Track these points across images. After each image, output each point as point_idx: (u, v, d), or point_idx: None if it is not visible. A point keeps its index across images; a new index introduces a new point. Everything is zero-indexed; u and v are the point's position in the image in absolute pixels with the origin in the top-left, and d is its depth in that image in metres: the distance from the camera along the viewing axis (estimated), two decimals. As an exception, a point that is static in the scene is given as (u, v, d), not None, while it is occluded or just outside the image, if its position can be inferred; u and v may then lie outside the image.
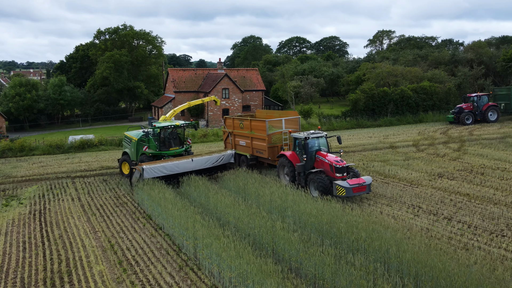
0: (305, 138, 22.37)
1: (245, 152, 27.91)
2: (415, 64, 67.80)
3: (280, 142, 25.90)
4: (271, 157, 25.96)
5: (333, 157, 21.53)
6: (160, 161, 25.18)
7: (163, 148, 26.71)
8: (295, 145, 23.34)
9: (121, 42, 67.10)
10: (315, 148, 22.59)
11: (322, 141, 22.95)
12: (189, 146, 28.07)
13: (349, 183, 20.13)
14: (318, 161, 22.13)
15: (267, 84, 72.92)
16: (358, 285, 11.39)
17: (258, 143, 26.65)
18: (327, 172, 21.35)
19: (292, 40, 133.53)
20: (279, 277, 12.12)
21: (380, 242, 13.62)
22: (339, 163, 21.05)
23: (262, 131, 26.05)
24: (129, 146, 28.36)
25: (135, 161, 27.54)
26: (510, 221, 17.52)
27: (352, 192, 19.99)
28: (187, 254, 15.77)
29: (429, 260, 12.32)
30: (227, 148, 30.36)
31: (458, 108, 45.65)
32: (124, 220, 20.25)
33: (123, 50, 65.05)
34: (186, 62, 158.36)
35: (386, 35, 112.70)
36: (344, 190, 19.90)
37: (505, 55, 61.75)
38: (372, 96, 51.28)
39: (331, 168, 21.12)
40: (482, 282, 10.93)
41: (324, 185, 20.57)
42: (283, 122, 26.47)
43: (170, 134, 27.37)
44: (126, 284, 13.94)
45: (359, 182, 20.30)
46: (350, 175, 21.29)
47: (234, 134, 29.03)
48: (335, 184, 20.25)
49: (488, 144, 33.45)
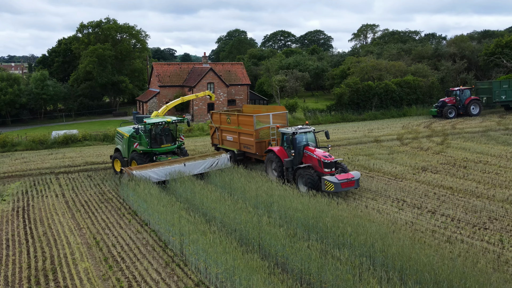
0: (293, 133, 22.24)
1: (232, 148, 27.74)
2: (399, 58, 68.30)
3: (268, 137, 25.71)
4: (259, 153, 25.82)
5: (321, 152, 21.47)
6: (151, 165, 24.10)
7: (155, 145, 25.86)
8: (283, 140, 23.20)
9: (104, 36, 66.26)
10: (303, 143, 22.48)
11: (310, 136, 22.86)
12: (182, 143, 27.26)
13: (338, 178, 20.06)
14: (306, 156, 22.02)
15: (252, 78, 72.79)
16: (344, 279, 11.48)
17: (245, 138, 26.46)
18: (315, 167, 21.28)
19: (277, 34, 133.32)
20: (266, 273, 12.17)
21: (366, 237, 13.76)
22: (327, 158, 21.01)
23: (250, 126, 25.85)
24: (121, 142, 27.66)
25: (126, 158, 26.88)
26: (492, 214, 17.82)
27: (341, 187, 19.94)
28: (173, 250, 15.74)
29: (413, 253, 12.48)
30: (213, 142, 30.11)
31: (441, 102, 46.16)
32: (109, 216, 20.11)
33: (106, 44, 64.26)
34: (171, 56, 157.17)
35: (370, 29, 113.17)
36: (333, 186, 19.83)
37: (486, 49, 62.55)
38: (357, 90, 51.57)
39: (319, 163, 21.05)
40: (466, 275, 11.11)
41: (313, 181, 20.52)
42: (270, 117, 26.23)
43: (162, 131, 26.56)
44: (112, 281, 13.86)
45: (347, 177, 20.26)
46: (339, 170, 21.27)
47: (221, 129, 28.74)
48: (323, 180, 20.17)
49: (470, 137, 33.92)
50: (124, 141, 27.20)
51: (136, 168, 23.36)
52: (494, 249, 14.54)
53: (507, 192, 20.23)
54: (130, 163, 26.18)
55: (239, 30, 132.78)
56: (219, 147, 29.33)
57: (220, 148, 29.21)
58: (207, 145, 36.49)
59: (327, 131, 23.24)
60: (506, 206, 18.59)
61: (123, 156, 27.28)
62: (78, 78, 66.86)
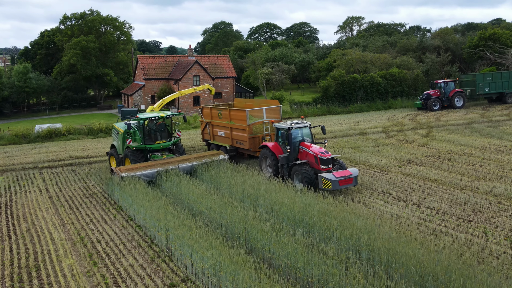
0: (288, 128, 21.48)
1: (224, 143, 26.92)
2: (384, 51, 68.57)
3: (261, 132, 24.96)
4: (252, 148, 25.07)
5: (317, 148, 20.73)
6: (142, 165, 22.65)
7: (149, 141, 24.54)
8: (277, 136, 22.43)
9: (88, 28, 65.30)
10: (299, 139, 21.72)
11: (306, 131, 22.12)
12: (179, 139, 25.82)
13: (335, 175, 19.29)
14: (302, 152, 21.29)
15: (238, 71, 72.50)
16: (330, 274, 11.49)
17: (238, 134, 25.63)
18: (311, 164, 20.56)
19: (263, 26, 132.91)
20: (252, 268, 12.12)
21: (352, 231, 13.78)
22: (324, 154, 20.28)
23: (243, 121, 25.01)
24: (117, 138, 26.32)
25: (121, 155, 25.66)
26: (476, 206, 17.99)
27: (339, 185, 19.16)
28: (159, 245, 15.61)
29: (399, 247, 12.53)
30: (204, 137, 29.34)
31: (426, 95, 46.46)
32: (94, 212, 19.88)
33: (90, 36, 63.38)
34: (156, 48, 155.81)
35: (355, 21, 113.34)
36: (330, 183, 19.04)
37: (470, 42, 63.07)
38: (343, 83, 51.66)
39: (316, 159, 20.34)
40: (451, 268, 11.18)
41: (309, 178, 19.81)
42: (264, 112, 25.37)
43: (158, 126, 25.20)
44: (96, 277, 13.70)
45: (345, 175, 19.48)
46: (336, 167, 20.46)
47: (212, 124, 27.87)
48: (320, 177, 19.39)
49: (454, 130, 34.21)
50: (119, 137, 25.97)
51: (125, 170, 22.07)
52: (478, 241, 14.67)
53: (491, 184, 20.44)
54: (124, 161, 25.09)
55: (225, 22, 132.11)
56: (210, 142, 28.54)
57: (211, 143, 28.42)
58: (193, 139, 36.29)
59: (324, 126, 22.48)
60: (489, 198, 18.78)
61: (118, 153, 26.15)
62: (61, 71, 65.93)
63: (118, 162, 25.89)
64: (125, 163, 24.78)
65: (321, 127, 22.48)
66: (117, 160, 26.06)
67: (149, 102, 56.05)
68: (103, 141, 38.22)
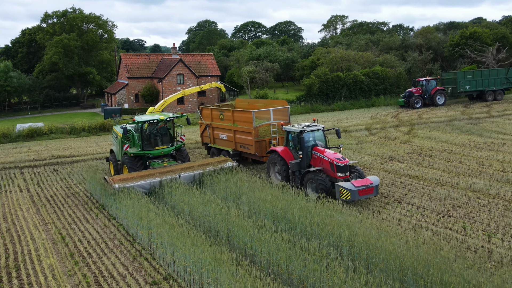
0: (300, 131, 19.43)
1: (227, 147, 24.91)
2: (367, 49, 69.12)
3: (268, 136, 23.07)
4: (259, 153, 22.99)
5: (333, 154, 18.83)
6: (139, 175, 20.32)
7: (148, 146, 22.33)
8: (287, 140, 20.52)
9: (70, 26, 64.66)
10: (311, 143, 19.73)
11: (319, 134, 20.16)
12: (182, 144, 23.60)
13: (355, 184, 17.45)
14: (315, 158, 19.33)
15: (222, 69, 72.42)
16: (311, 269, 11.57)
17: (242, 137, 23.57)
18: (326, 171, 18.68)
19: (247, 24, 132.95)
20: (233, 265, 12.16)
21: (333, 227, 13.89)
22: (341, 161, 18.36)
23: (248, 123, 22.97)
24: (116, 143, 24.28)
25: (120, 161, 23.60)
26: (455, 201, 18.27)
27: (358, 195, 17.34)
28: (141, 243, 15.57)
29: (379, 242, 12.67)
30: (204, 141, 27.49)
31: (408, 92, 46.96)
32: (76, 211, 19.74)
33: (72, 35, 62.76)
34: (140, 47, 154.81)
35: (339, 20, 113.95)
36: (349, 193, 17.20)
37: (452, 41, 63.94)
38: (326, 81, 51.96)
39: (332, 166, 18.43)
40: (429, 262, 11.35)
41: (325, 186, 17.92)
42: (271, 113, 23.41)
43: (158, 130, 22.95)
44: (78, 276, 13.62)
45: (365, 184, 17.61)
46: (355, 175, 18.65)
47: (213, 127, 25.85)
48: (338, 186, 17.57)
49: (436, 127, 34.66)
50: (118, 142, 23.90)
51: (119, 180, 19.68)
52: (457, 236, 14.91)
53: (470, 180, 20.76)
54: (121, 168, 23.02)
55: (209, 21, 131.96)
56: (211, 146, 26.55)
57: (211, 147, 26.51)
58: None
59: (338, 129, 20.77)
60: (469, 193, 19.07)
61: (117, 159, 24.06)
62: (43, 69, 65.19)
63: (116, 169, 23.96)
64: (123, 170, 22.80)
65: (336, 130, 20.78)
66: (115, 167, 24.06)
67: (132, 101, 55.72)
68: (86, 140, 37.92)
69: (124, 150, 22.48)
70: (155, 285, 12.74)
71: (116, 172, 23.74)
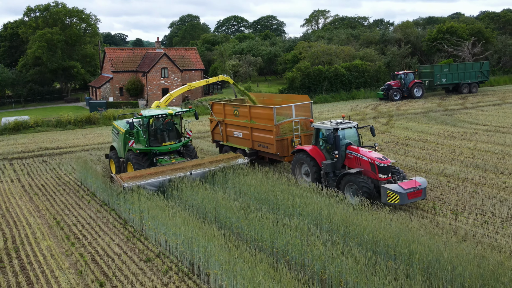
0: (335, 129, 17.87)
1: (242, 145, 23.35)
2: (348, 43, 70.58)
3: (290, 134, 21.46)
4: (280, 152, 21.31)
5: (373, 154, 17.51)
6: (148, 173, 19.57)
7: (154, 142, 21.27)
8: (317, 138, 19.05)
9: (53, 20, 64.61)
10: (345, 142, 18.30)
11: (351, 132, 18.74)
12: (189, 140, 22.50)
13: (403, 187, 16.16)
14: (351, 158, 17.88)
15: (206, 63, 73.15)
16: (293, 244, 12.70)
17: (262, 135, 21.93)
18: (366, 173, 17.29)
19: (230, 19, 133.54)
20: (222, 240, 13.24)
21: (313, 207, 15.06)
22: (383, 161, 17.01)
23: (268, 121, 21.30)
24: (117, 139, 23.09)
25: (123, 158, 22.38)
26: (428, 185, 19.55)
27: (407, 199, 16.05)
28: (134, 226, 16.50)
29: (355, 220, 13.89)
30: (215, 138, 25.78)
31: (387, 85, 48.47)
32: (68, 198, 20.52)
33: (55, 29, 62.75)
34: (122, 41, 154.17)
35: (321, 14, 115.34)
36: (398, 197, 15.91)
37: (429, 35, 65.70)
38: (308, 74, 53.19)
39: (373, 167, 17.04)
40: (399, 235, 12.59)
41: (369, 190, 16.53)
42: (293, 109, 21.82)
43: (165, 125, 21.91)
44: (75, 256, 14.51)
45: (414, 186, 16.33)
46: (400, 176, 17.34)
47: (226, 124, 24.22)
48: (384, 189, 16.22)
49: (413, 118, 36.14)
50: (120, 138, 22.64)
51: (128, 178, 18.89)
52: (427, 215, 16.20)
53: (442, 166, 22.14)
54: (126, 165, 21.84)
55: (191, 15, 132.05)
56: (223, 144, 24.87)
57: (224, 145, 24.88)
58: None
59: (373, 127, 19.25)
60: (440, 178, 20.43)
61: (119, 156, 22.88)
62: (26, 63, 65.06)
63: (118, 166, 22.75)
64: (127, 168, 21.70)
65: (370, 127, 19.29)
66: (116, 165, 22.87)
67: (117, 95, 56.20)
68: (72, 133, 38.48)
69: (129, 146, 21.30)
70: (148, 262, 13.72)
71: (118, 169, 22.65)
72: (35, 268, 13.88)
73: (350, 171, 17.26)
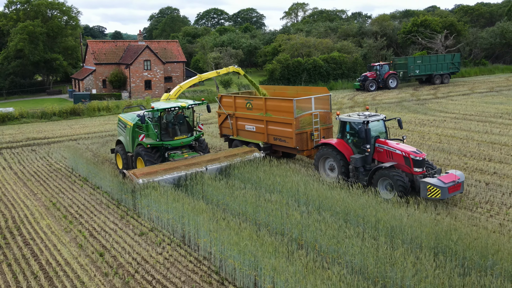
0: (365, 122, 17.19)
1: (256, 139, 22.63)
2: (326, 36, 72.40)
3: (309, 127, 20.89)
4: (300, 146, 20.67)
5: (406, 147, 17.01)
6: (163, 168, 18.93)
7: (166, 137, 20.58)
8: (343, 131, 18.36)
9: (34, 12, 64.79)
10: (373, 135, 17.63)
11: (378, 125, 18.06)
12: (201, 134, 21.79)
13: (443, 181, 15.61)
14: (381, 151, 17.30)
15: (187, 56, 74.17)
16: (274, 215, 14.26)
17: (279, 129, 21.26)
18: (399, 166, 16.70)
19: (210, 11, 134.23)
20: (210, 213, 14.74)
21: (292, 184, 16.66)
22: (418, 154, 16.51)
23: (288, 113, 20.66)
24: (124, 133, 22.34)
25: (131, 153, 21.69)
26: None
27: (448, 193, 15.52)
28: (127, 205, 17.78)
29: (329, 194, 15.52)
30: (223, 132, 24.88)
31: (364, 76, 50.41)
32: (61, 183, 21.62)
33: (36, 21, 62.96)
34: (101, 34, 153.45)
35: (300, 7, 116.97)
36: (439, 191, 15.38)
37: (404, 28, 67.88)
38: (287, 66, 54.82)
39: (407, 161, 16.51)
40: (367, 205, 14.28)
41: (404, 184, 15.98)
42: (312, 101, 21.14)
43: (175, 118, 21.20)
44: (74, 232, 15.77)
45: (454, 180, 15.80)
46: (437, 170, 16.92)
47: (236, 117, 23.44)
48: (424, 183, 15.64)
49: (387, 107, 38.03)
50: (127, 132, 21.88)
51: (142, 174, 18.28)
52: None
53: (411, 150, 23.95)
54: (135, 160, 21.15)
55: (171, 7, 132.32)
56: (233, 138, 24.07)
57: (234, 140, 24.14)
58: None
59: (400, 119, 18.64)
60: (408, 160, 22.20)
61: (126, 151, 22.14)
62: (8, 56, 65.09)
63: (125, 161, 22.03)
64: (136, 163, 21.11)
65: (397, 119, 18.72)
66: (124, 160, 22.13)
67: (100, 87, 56.94)
68: (58, 124, 39.33)
69: (140, 140, 20.61)
70: (143, 235, 15.11)
71: (126, 165, 21.96)
72: (38, 243, 15.12)
73: (384, 165, 16.56)
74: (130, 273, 12.63)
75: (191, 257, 13.31)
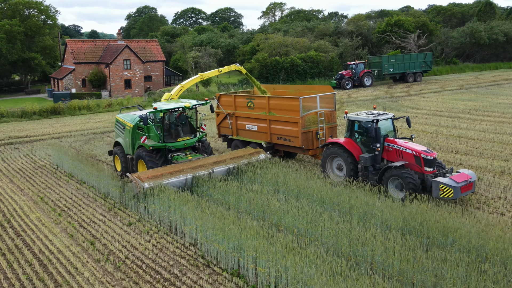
0: (375, 120, 17.00)
1: (257, 139, 22.18)
2: (304, 35, 73.78)
3: (315, 126, 20.57)
4: (305, 145, 20.33)
5: (417, 146, 16.79)
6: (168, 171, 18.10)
7: (169, 138, 19.68)
8: (352, 130, 18.20)
9: (11, 11, 64.43)
10: (383, 134, 17.38)
11: (387, 124, 17.80)
12: (204, 134, 20.86)
13: (456, 180, 15.43)
14: (390, 150, 17.10)
15: (166, 55, 74.60)
16: (255, 204, 15.27)
17: (283, 128, 20.91)
18: (409, 166, 16.52)
19: (188, 11, 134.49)
20: (195, 203, 15.67)
21: (272, 175, 17.69)
22: (429, 153, 16.29)
23: (293, 112, 20.23)
24: (123, 134, 21.53)
25: (131, 155, 20.87)
26: (370, 159, 22.53)
27: (460, 193, 15.33)
28: (114, 198, 18.48)
29: (306, 184, 16.61)
30: (222, 132, 24.40)
31: (340, 75, 51.87)
32: (47, 179, 22.13)
33: (14, 20, 62.66)
34: (77, 33, 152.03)
35: (278, 7, 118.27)
36: (452, 191, 15.15)
37: (379, 28, 69.71)
38: (266, 65, 55.96)
39: (418, 160, 16.30)
40: (341, 192, 15.44)
41: (415, 184, 15.76)
42: (317, 100, 20.74)
43: (178, 119, 20.43)
44: (64, 224, 16.44)
45: (466, 179, 15.62)
46: (449, 169, 16.74)
47: (237, 116, 22.91)
48: (437, 183, 15.44)
49: (362, 104, 39.43)
50: (126, 133, 21.08)
51: (148, 178, 17.44)
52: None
53: (384, 144, 25.24)
54: (136, 163, 20.20)
55: (148, 6, 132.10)
56: (233, 138, 23.52)
57: (233, 140, 23.60)
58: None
59: (409, 118, 18.46)
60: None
61: (125, 153, 21.29)
62: (-15, 55, 64.61)
63: (125, 164, 21.24)
64: (138, 167, 20.20)
65: (406, 118, 18.47)
66: (123, 162, 21.33)
67: (79, 86, 57.08)
68: (39, 123, 39.57)
69: (141, 142, 19.73)
70: (131, 225, 15.91)
71: (125, 168, 21.21)
72: (29, 234, 15.76)
73: (394, 164, 16.34)
74: (121, 259, 13.44)
75: (178, 243, 14.19)
